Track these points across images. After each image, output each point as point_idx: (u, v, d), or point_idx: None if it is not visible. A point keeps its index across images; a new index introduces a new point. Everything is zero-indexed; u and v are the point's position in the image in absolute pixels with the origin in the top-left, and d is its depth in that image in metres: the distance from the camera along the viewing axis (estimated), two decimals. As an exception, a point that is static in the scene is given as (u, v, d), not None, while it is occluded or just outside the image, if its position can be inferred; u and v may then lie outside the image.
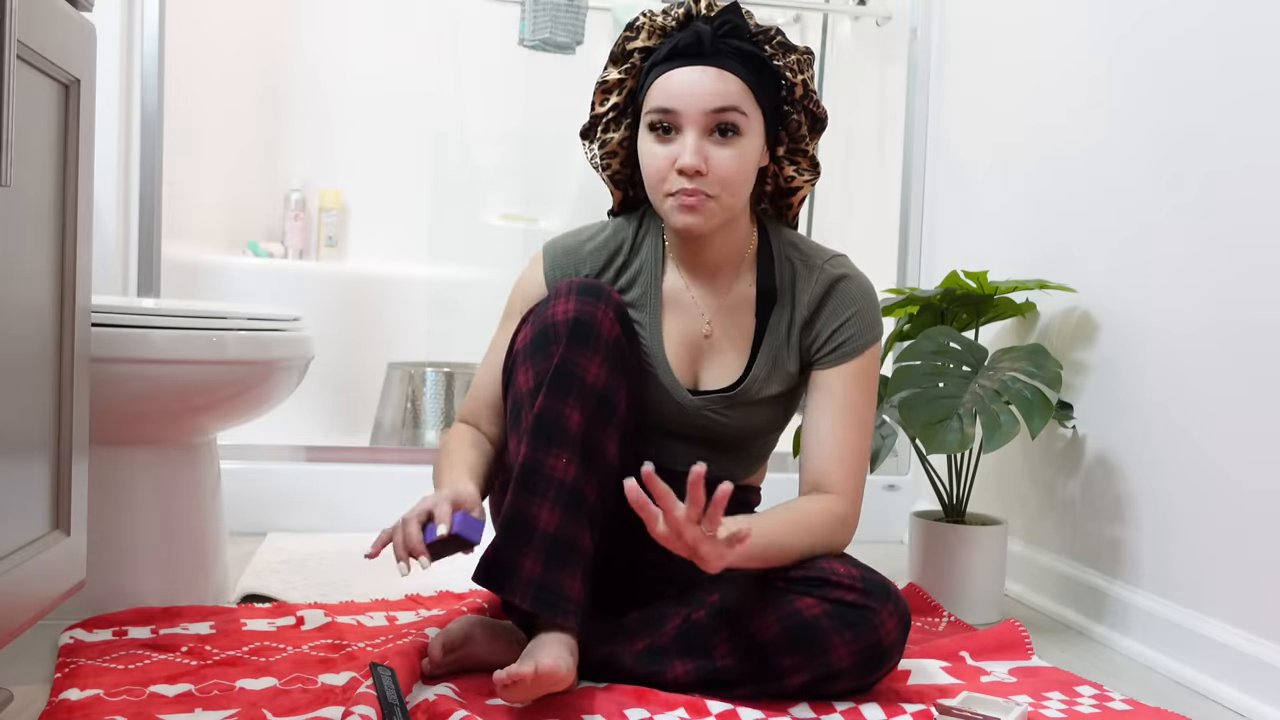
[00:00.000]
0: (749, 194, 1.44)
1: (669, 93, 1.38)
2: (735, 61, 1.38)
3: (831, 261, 1.50)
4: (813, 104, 1.46)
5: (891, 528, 2.59)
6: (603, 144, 1.51)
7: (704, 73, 1.37)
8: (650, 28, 1.43)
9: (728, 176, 1.38)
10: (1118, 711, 1.44)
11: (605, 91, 1.48)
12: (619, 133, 1.49)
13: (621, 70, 1.46)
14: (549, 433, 1.35)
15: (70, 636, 1.51)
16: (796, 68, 1.43)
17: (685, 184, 1.37)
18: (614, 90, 1.47)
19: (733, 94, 1.37)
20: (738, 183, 1.39)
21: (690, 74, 1.37)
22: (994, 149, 2.31)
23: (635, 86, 1.46)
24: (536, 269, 1.53)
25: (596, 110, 1.49)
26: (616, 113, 1.49)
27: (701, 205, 1.38)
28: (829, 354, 1.47)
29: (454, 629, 1.43)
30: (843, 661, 1.35)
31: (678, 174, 1.38)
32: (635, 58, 1.45)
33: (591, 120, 1.50)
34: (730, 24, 1.40)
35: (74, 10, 1.28)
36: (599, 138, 1.51)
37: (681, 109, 1.37)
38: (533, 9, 2.61)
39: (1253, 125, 1.58)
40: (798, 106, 1.45)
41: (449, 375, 2.81)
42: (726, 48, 1.38)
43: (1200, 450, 1.66)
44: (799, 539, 1.37)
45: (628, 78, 1.46)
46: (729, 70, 1.38)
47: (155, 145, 2.28)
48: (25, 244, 1.18)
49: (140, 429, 1.63)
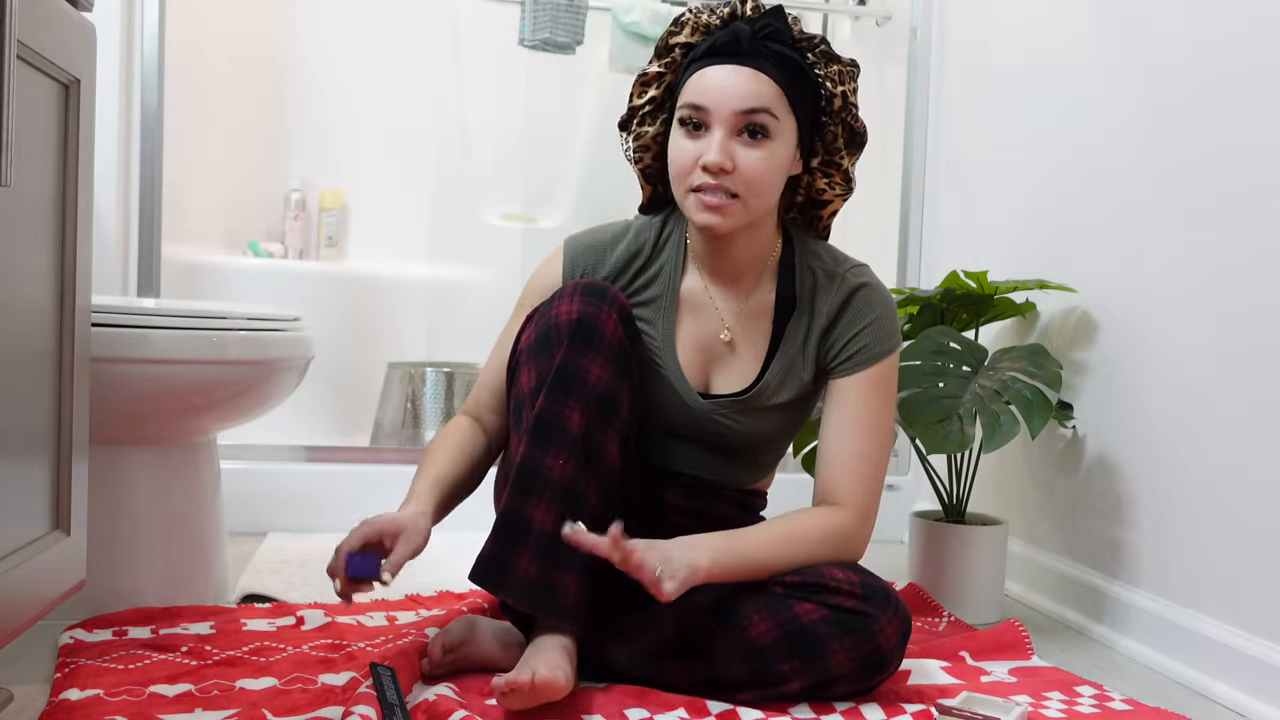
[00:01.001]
0: (775, 199, 1.42)
1: (701, 89, 1.37)
2: (772, 64, 1.37)
3: (853, 271, 1.49)
4: (851, 117, 1.44)
5: (891, 528, 2.59)
6: (637, 137, 1.49)
7: (738, 72, 1.36)
8: (694, 24, 1.42)
9: (753, 178, 1.37)
10: (1118, 711, 1.44)
11: (644, 84, 1.47)
12: (654, 127, 1.48)
13: (662, 64, 1.45)
14: (549, 433, 1.35)
15: (70, 636, 1.51)
16: (838, 79, 1.41)
17: (709, 179, 1.37)
18: (653, 83, 1.46)
19: (765, 96, 1.36)
20: (763, 185, 1.38)
21: (724, 72, 1.37)
22: (994, 149, 2.31)
23: (674, 81, 1.45)
24: (555, 263, 1.53)
25: (634, 103, 1.48)
26: (653, 106, 1.47)
27: (724, 205, 1.37)
28: (844, 362, 1.47)
29: (453, 629, 1.43)
30: (841, 667, 1.35)
31: (702, 170, 1.37)
32: (676, 53, 1.44)
33: (629, 112, 1.49)
34: (772, 27, 1.38)
35: (74, 10, 1.28)
36: (634, 130, 1.49)
37: (712, 106, 1.36)
38: (533, 9, 2.61)
39: (1253, 125, 1.58)
40: (836, 119, 1.43)
41: (449, 375, 2.81)
42: (766, 50, 1.37)
43: (1200, 450, 1.66)
44: (783, 552, 1.37)
45: (667, 72, 1.45)
46: (764, 72, 1.36)
47: (155, 145, 2.28)
48: (25, 244, 1.18)
49: (140, 429, 1.63)
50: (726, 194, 1.37)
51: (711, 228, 1.39)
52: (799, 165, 1.45)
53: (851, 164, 1.48)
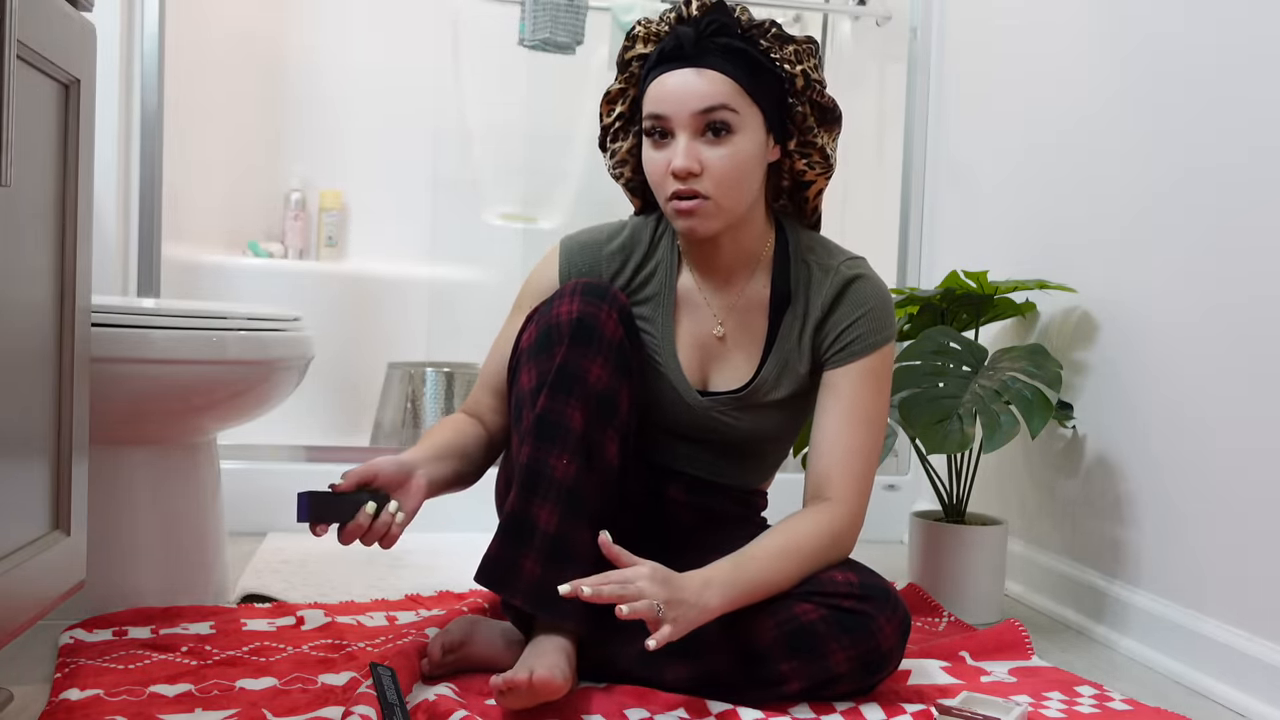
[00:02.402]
0: (753, 193, 1.42)
1: (658, 98, 1.38)
2: (722, 59, 1.37)
3: (847, 263, 1.49)
4: (817, 94, 1.43)
5: (891, 528, 2.59)
6: (613, 154, 1.51)
7: (689, 74, 1.36)
8: (645, 34, 1.43)
9: (722, 175, 1.37)
10: (1118, 711, 1.44)
11: (610, 102, 1.48)
12: (627, 141, 1.49)
13: (622, 80, 1.46)
14: (551, 433, 1.35)
15: (70, 636, 1.51)
16: (794, 58, 1.41)
17: (680, 186, 1.37)
18: (618, 100, 1.47)
19: (719, 93, 1.36)
20: (734, 181, 1.38)
21: (676, 77, 1.37)
22: (994, 149, 2.31)
23: (637, 94, 1.46)
24: (552, 264, 1.53)
25: (604, 121, 1.49)
26: (623, 122, 1.48)
27: (698, 208, 1.37)
28: (838, 353, 1.46)
29: (453, 629, 1.43)
30: (840, 667, 1.35)
31: (673, 176, 1.37)
32: (634, 65, 1.45)
33: (602, 131, 1.50)
34: (717, 22, 1.39)
35: (74, 10, 1.28)
36: (609, 148, 1.51)
37: (670, 113, 1.37)
38: (533, 9, 2.61)
39: (1254, 124, 1.58)
40: (801, 98, 1.43)
41: (449, 375, 2.81)
42: (714, 46, 1.37)
43: (1200, 450, 1.66)
44: (788, 570, 1.35)
45: (628, 86, 1.46)
46: (715, 69, 1.36)
47: (155, 145, 2.28)
48: (25, 244, 1.18)
49: (140, 429, 1.63)
50: (700, 198, 1.37)
51: (691, 232, 1.39)
52: (776, 151, 1.45)
53: (829, 142, 1.47)
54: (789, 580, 1.36)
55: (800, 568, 1.37)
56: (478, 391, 1.54)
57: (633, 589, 1.23)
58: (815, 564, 1.38)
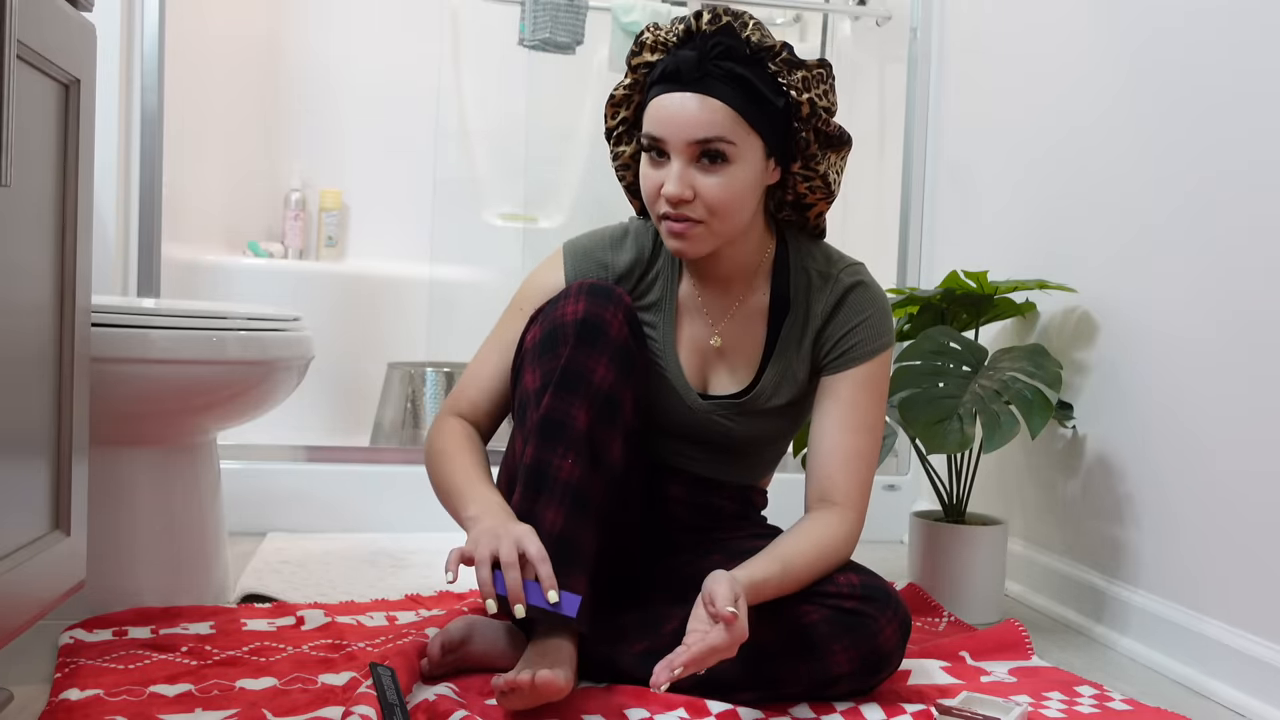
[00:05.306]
0: (747, 217, 1.40)
1: (657, 119, 1.35)
2: (726, 85, 1.33)
3: (847, 271, 1.49)
4: (823, 123, 1.40)
5: (891, 528, 2.59)
6: (616, 156, 1.49)
7: (688, 100, 1.33)
8: (653, 43, 1.40)
9: (714, 204, 1.35)
10: (1118, 711, 1.44)
11: (615, 105, 1.46)
12: (630, 146, 1.48)
13: (628, 84, 1.44)
14: (556, 433, 1.35)
15: (70, 636, 1.51)
16: (803, 85, 1.37)
17: (671, 209, 1.36)
18: (622, 104, 1.45)
19: (717, 124, 1.33)
20: (727, 209, 1.36)
21: (675, 101, 1.34)
22: (994, 149, 2.31)
23: (641, 100, 1.44)
24: (556, 267, 1.52)
25: (608, 124, 1.48)
26: (626, 126, 1.47)
27: (688, 231, 1.36)
28: (837, 359, 1.47)
29: (453, 629, 1.43)
30: (841, 667, 1.35)
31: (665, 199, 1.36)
32: (640, 72, 1.42)
33: (606, 133, 1.49)
34: (723, 46, 1.34)
35: (74, 10, 1.28)
36: (613, 150, 1.49)
37: (667, 137, 1.34)
38: (533, 9, 2.61)
39: (1254, 125, 1.58)
40: (806, 125, 1.39)
41: (449, 375, 2.81)
42: (717, 71, 1.33)
43: (1200, 450, 1.66)
44: (804, 577, 1.36)
45: (633, 92, 1.44)
46: (716, 96, 1.33)
47: (155, 145, 2.28)
48: (25, 244, 1.18)
49: (140, 429, 1.63)
50: (691, 222, 1.36)
51: (681, 253, 1.38)
52: (777, 173, 1.42)
53: (833, 166, 1.44)
54: (802, 586, 1.37)
55: (812, 573, 1.37)
56: (475, 397, 1.50)
57: (713, 657, 1.22)
58: (825, 569, 1.39)
